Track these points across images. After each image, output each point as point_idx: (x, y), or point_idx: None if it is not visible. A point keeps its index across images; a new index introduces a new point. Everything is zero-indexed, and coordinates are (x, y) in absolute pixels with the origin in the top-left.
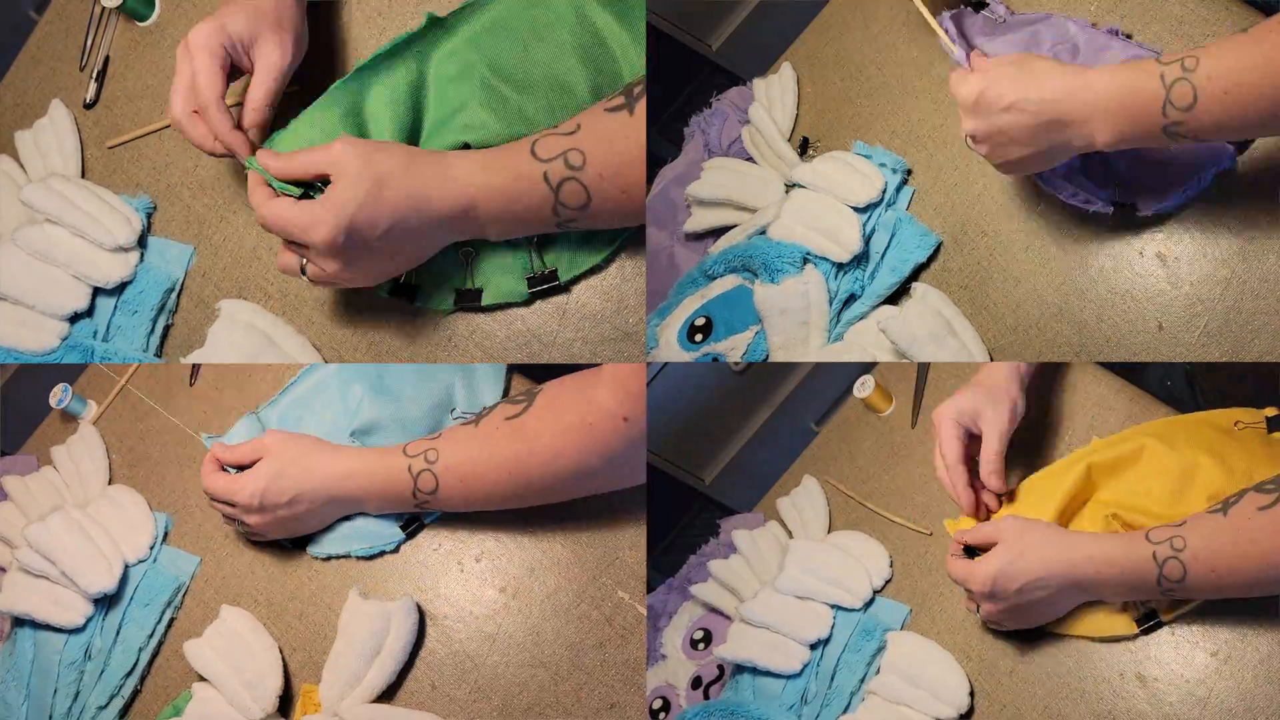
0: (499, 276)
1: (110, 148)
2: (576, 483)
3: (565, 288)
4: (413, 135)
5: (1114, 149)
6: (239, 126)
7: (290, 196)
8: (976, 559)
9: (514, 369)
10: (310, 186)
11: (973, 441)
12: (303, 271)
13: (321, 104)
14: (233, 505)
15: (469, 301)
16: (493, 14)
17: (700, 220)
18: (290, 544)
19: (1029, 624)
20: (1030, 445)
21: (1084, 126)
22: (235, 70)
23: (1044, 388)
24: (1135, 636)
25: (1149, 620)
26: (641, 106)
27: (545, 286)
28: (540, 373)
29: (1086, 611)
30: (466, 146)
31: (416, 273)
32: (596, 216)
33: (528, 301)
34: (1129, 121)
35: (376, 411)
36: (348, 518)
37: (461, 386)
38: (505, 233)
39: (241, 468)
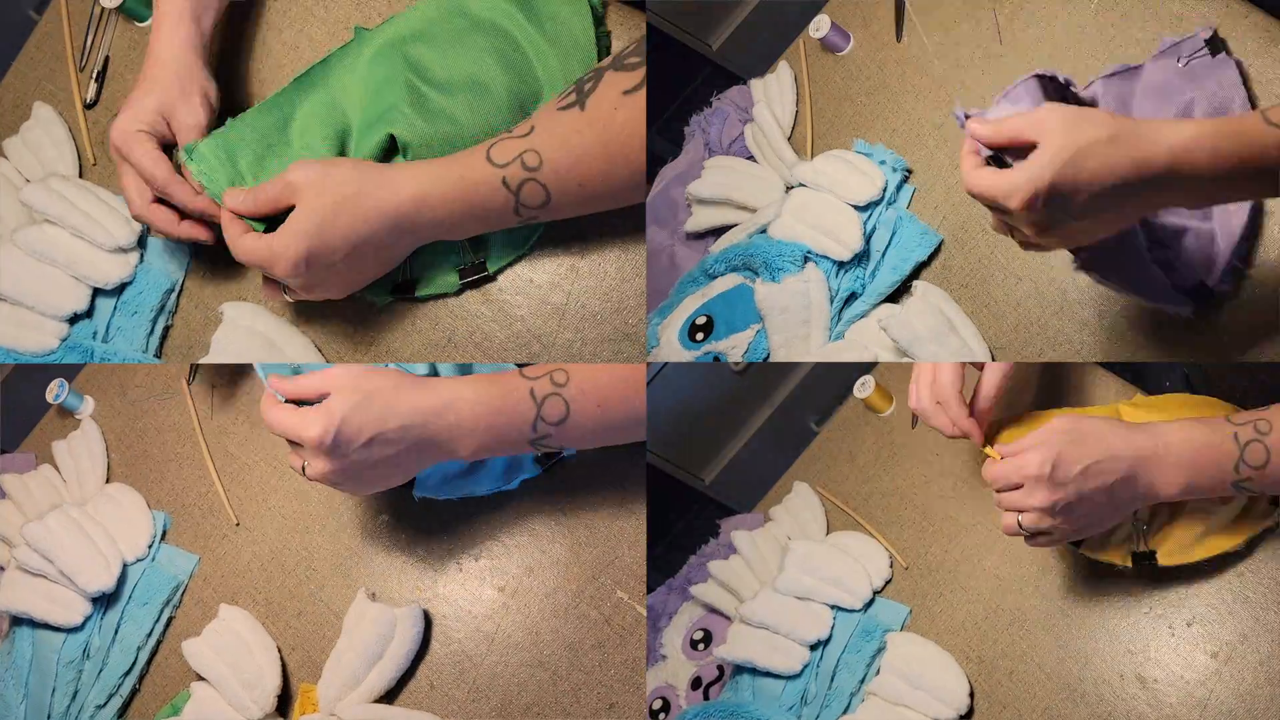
0: (433, 270)
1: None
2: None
3: (493, 277)
4: (344, 135)
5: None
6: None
7: (256, 230)
8: (1027, 449)
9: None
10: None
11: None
12: (285, 291)
13: (258, 110)
14: (298, 445)
15: (403, 293)
16: (414, 24)
17: (701, 219)
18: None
19: (1080, 526)
20: None
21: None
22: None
23: (1044, 388)
24: (1127, 569)
25: (1145, 559)
26: (594, 100)
27: (475, 278)
28: None
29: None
30: (393, 138)
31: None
32: (557, 209)
33: (459, 292)
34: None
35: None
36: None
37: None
38: (468, 231)
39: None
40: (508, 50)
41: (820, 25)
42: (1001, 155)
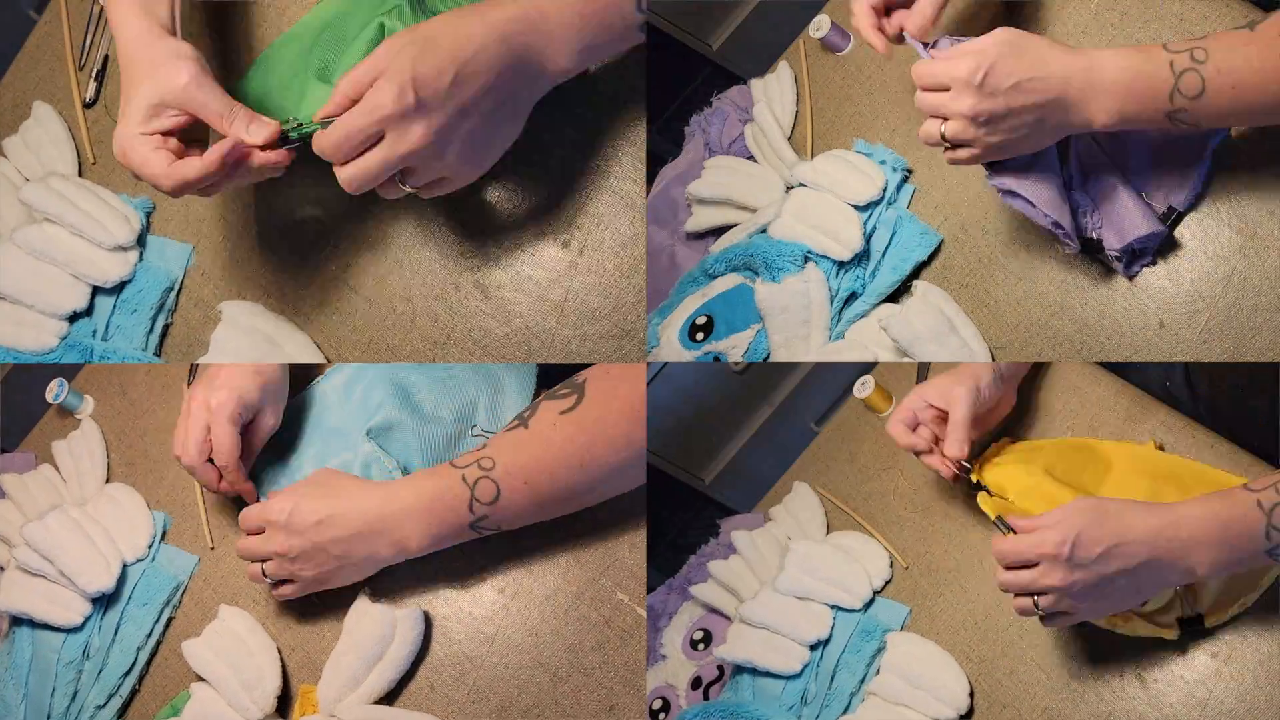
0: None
1: None
2: (634, 470)
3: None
4: (339, 47)
5: (1110, 129)
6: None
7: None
8: (1044, 526)
9: (541, 384)
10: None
11: (938, 422)
12: (402, 185)
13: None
14: (263, 534)
15: None
16: (326, 14)
17: (701, 219)
18: None
19: (1102, 607)
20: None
21: (1086, 106)
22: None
23: (1045, 389)
24: (1179, 639)
25: (1192, 625)
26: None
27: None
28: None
29: (1131, 615)
30: (382, 32)
31: None
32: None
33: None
34: (1133, 103)
35: (396, 413)
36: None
37: (485, 405)
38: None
39: None
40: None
41: (820, 25)
42: None
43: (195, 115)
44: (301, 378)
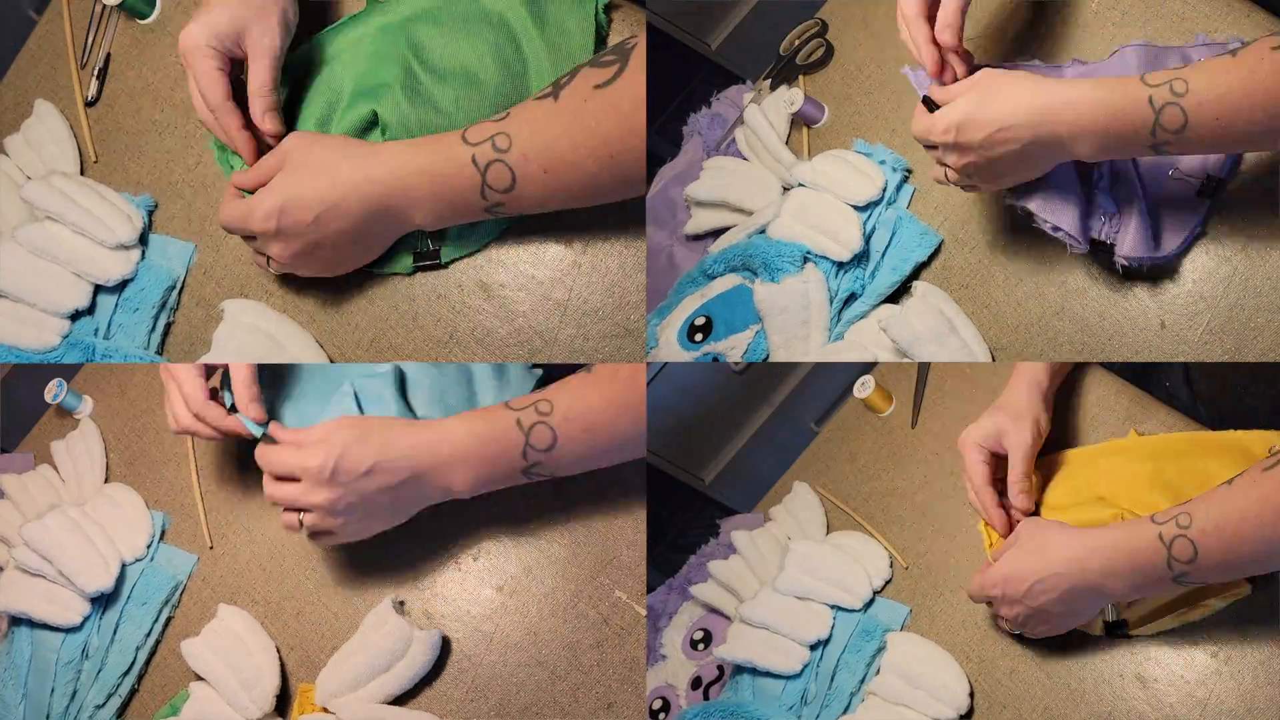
0: (392, 252)
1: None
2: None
3: (445, 265)
4: (334, 105)
5: (1098, 159)
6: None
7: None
8: (990, 568)
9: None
10: None
11: (998, 462)
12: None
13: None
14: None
15: (427, 260)
16: (425, 1)
17: (700, 222)
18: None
19: (1053, 628)
20: None
21: (1071, 144)
22: (235, 63)
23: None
24: (1100, 638)
25: (1117, 628)
26: (567, 92)
27: (428, 264)
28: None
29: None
30: (375, 115)
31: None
32: (523, 200)
33: (412, 273)
34: (1115, 140)
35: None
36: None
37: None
38: (438, 219)
39: None
40: (507, 49)
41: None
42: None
43: (249, 67)
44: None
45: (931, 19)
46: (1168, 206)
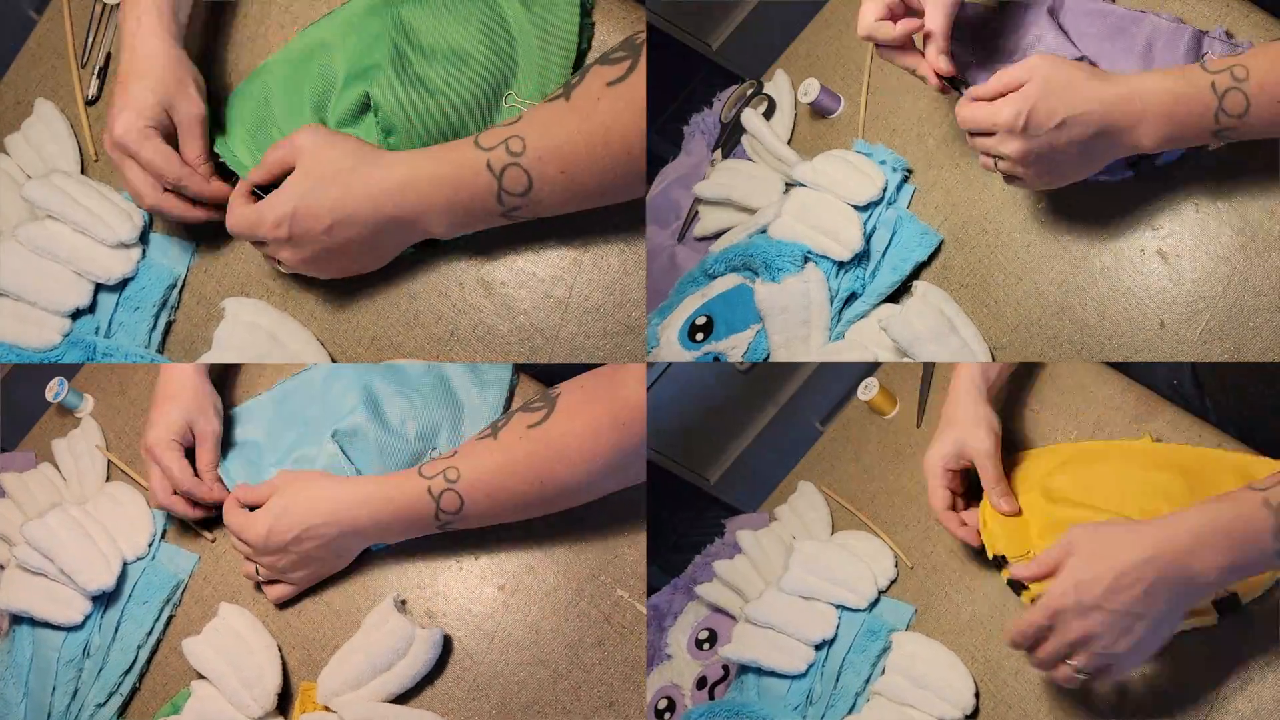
0: None
1: None
2: (605, 482)
3: (442, 244)
4: (329, 90)
5: (1159, 149)
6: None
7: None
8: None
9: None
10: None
11: (966, 474)
12: (278, 262)
13: (259, 75)
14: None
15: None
16: (312, 42)
17: (709, 223)
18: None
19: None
20: (1035, 445)
21: (1132, 133)
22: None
23: (1051, 388)
24: (1217, 624)
25: (1230, 608)
26: (578, 91)
27: (425, 238)
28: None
29: None
30: (368, 97)
31: None
32: (540, 202)
33: (412, 253)
34: (1178, 127)
35: (363, 421)
36: None
37: (448, 429)
38: (453, 226)
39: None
40: (494, 26)
41: (809, 89)
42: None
43: (180, 139)
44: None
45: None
46: None
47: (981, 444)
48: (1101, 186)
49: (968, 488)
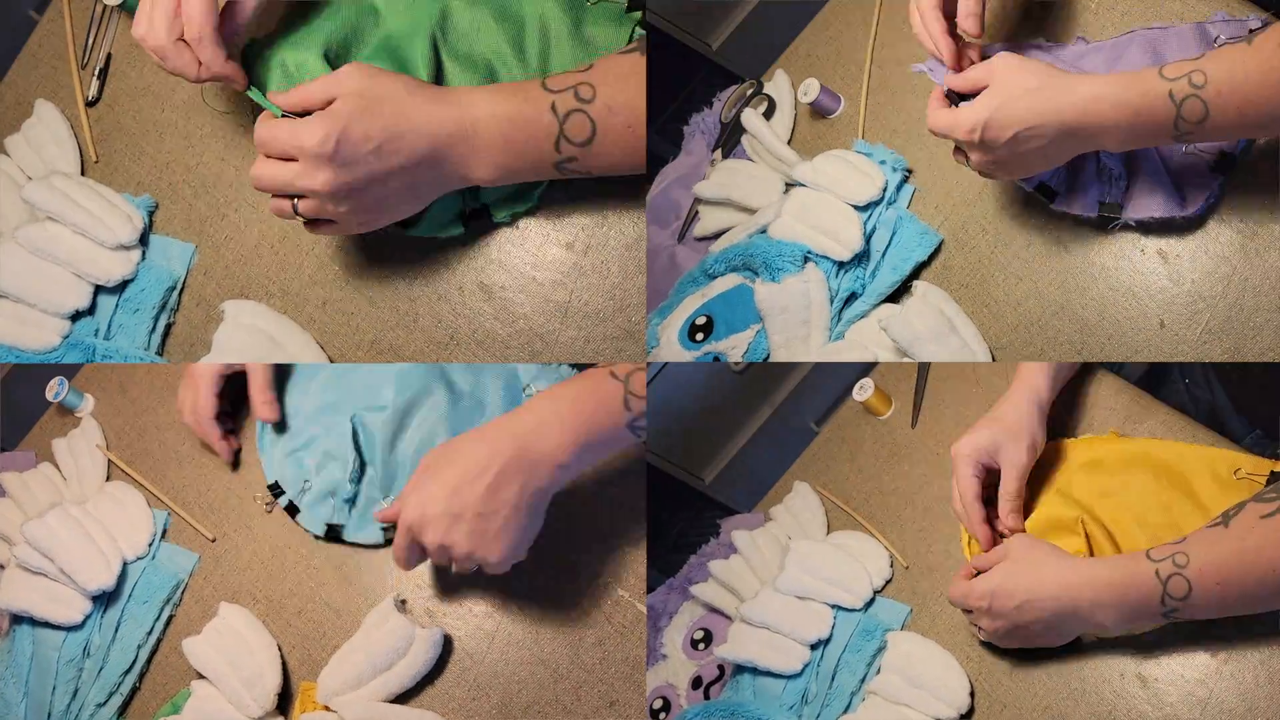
0: (437, 213)
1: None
2: None
3: (495, 223)
4: (354, 37)
5: (1122, 150)
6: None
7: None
8: (977, 578)
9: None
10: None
11: (987, 474)
12: (295, 212)
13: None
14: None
15: (476, 219)
16: None
17: (710, 222)
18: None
19: (1029, 644)
20: None
21: (1095, 137)
22: None
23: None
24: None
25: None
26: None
27: (478, 221)
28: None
29: None
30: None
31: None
32: (598, 155)
33: (463, 234)
34: (1140, 134)
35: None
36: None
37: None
38: (500, 172)
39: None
40: (531, 49)
41: (809, 89)
42: (962, 98)
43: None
44: None
45: (948, 12)
46: (1179, 177)
47: (1019, 455)
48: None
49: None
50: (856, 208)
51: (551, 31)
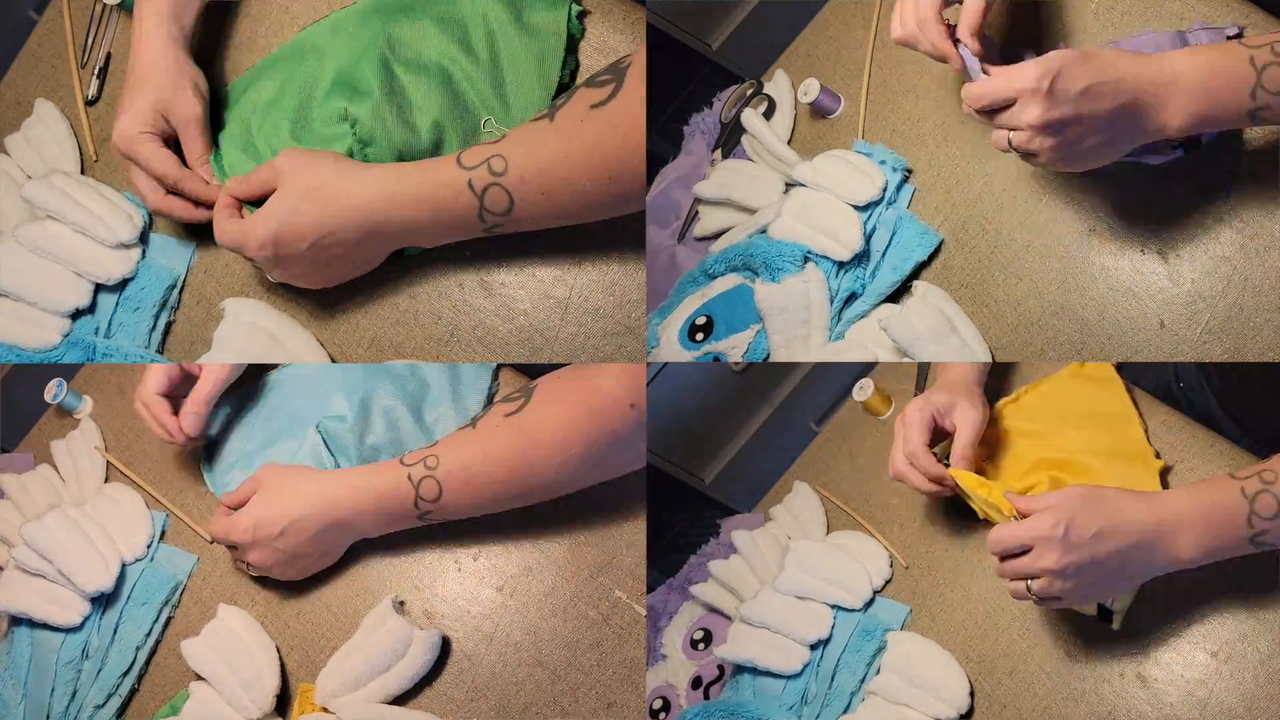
0: None
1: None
2: (583, 473)
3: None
4: (310, 100)
5: (1185, 133)
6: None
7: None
8: (1038, 512)
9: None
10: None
11: (934, 439)
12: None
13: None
14: (234, 547)
15: None
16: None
17: (710, 222)
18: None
19: (1092, 591)
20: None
21: (1162, 109)
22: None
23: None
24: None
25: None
26: (563, 113)
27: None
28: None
29: None
30: (347, 110)
31: None
32: (522, 221)
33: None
34: (1212, 103)
35: (350, 420)
36: None
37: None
38: (435, 239)
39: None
40: (480, 47)
41: (809, 89)
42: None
43: (181, 141)
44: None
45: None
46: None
47: (974, 414)
48: (1101, 185)
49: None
50: (856, 208)
51: (495, 26)
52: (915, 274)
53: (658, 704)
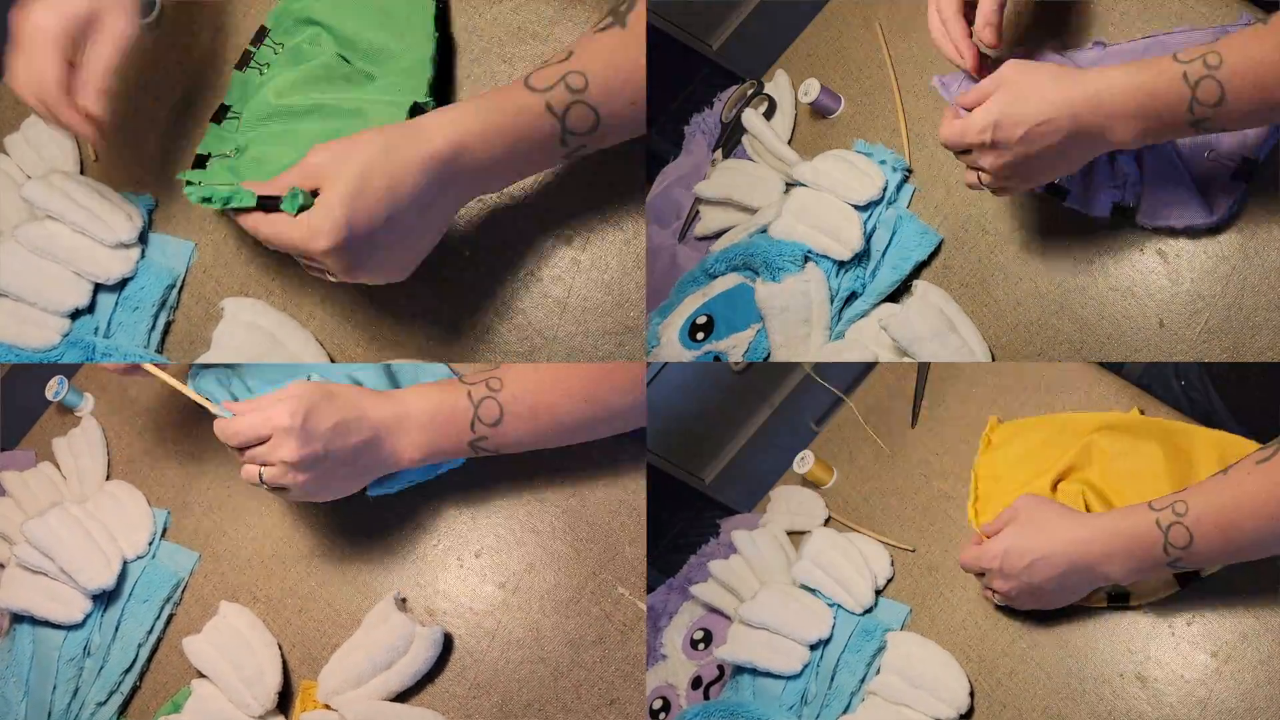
0: None
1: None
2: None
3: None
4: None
5: (1139, 145)
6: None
7: (287, 213)
8: (988, 540)
9: None
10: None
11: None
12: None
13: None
14: (264, 462)
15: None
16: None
17: (710, 222)
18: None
19: (1043, 604)
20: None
21: (1108, 132)
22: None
23: (1045, 388)
24: (1106, 609)
25: (1119, 600)
26: (634, 17)
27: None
28: None
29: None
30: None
31: None
32: (605, 137)
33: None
34: (1153, 121)
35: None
36: None
37: None
38: (511, 176)
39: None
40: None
41: (809, 89)
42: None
43: (95, 48)
44: None
45: (968, 17)
46: (1201, 185)
47: None
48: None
49: None
50: (857, 207)
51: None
52: (915, 274)
53: (658, 704)
